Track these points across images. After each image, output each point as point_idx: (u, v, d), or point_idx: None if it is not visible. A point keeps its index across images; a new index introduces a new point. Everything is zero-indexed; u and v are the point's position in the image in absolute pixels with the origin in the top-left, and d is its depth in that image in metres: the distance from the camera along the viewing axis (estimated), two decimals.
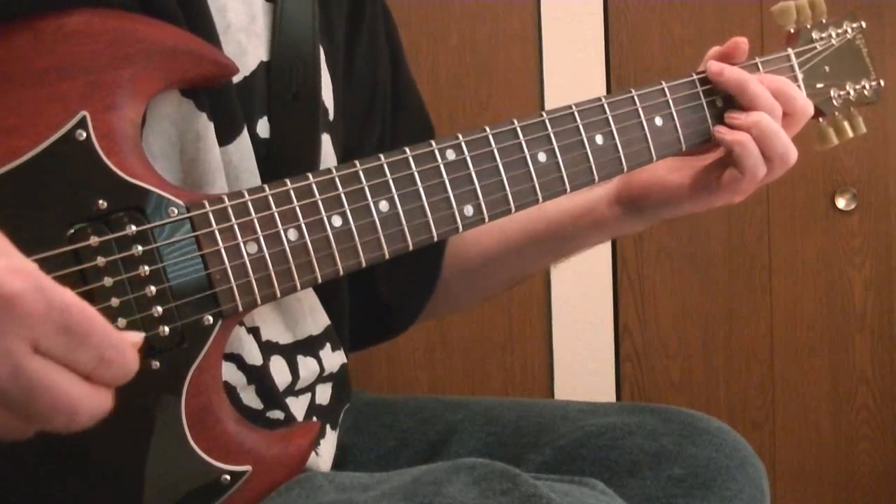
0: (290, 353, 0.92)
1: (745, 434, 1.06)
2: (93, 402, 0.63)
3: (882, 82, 1.14)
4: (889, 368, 2.23)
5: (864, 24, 1.14)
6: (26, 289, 0.59)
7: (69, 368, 0.62)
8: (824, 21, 1.11)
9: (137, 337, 0.67)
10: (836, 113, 1.12)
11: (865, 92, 1.13)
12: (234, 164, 0.86)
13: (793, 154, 1.01)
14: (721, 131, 1.01)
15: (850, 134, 1.12)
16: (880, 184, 2.19)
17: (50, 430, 0.63)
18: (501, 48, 2.14)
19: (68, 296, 0.61)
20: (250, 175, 0.87)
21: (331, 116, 0.98)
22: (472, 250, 1.14)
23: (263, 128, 0.90)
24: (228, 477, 0.80)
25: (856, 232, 2.20)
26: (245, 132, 0.87)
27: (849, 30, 1.12)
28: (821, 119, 1.11)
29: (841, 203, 2.19)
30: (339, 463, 1.00)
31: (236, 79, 0.87)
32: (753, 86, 1.01)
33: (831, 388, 2.23)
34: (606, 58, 2.16)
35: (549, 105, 2.12)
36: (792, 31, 1.10)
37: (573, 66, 2.13)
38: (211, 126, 0.84)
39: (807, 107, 1.04)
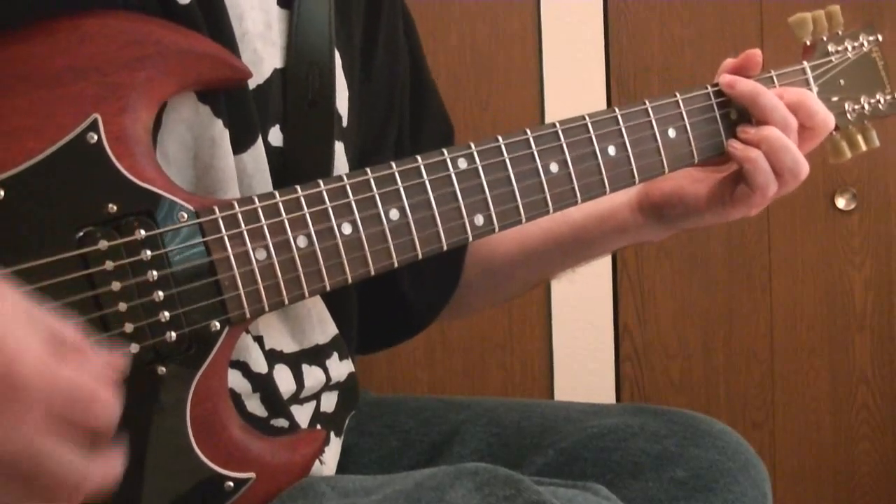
0: (295, 362, 0.92)
1: (745, 434, 1.06)
2: (96, 476, 0.63)
3: None
4: (889, 368, 2.23)
5: (880, 37, 1.13)
6: (32, 369, 0.59)
7: (75, 440, 0.62)
8: (840, 33, 1.11)
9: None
10: (850, 126, 1.11)
11: (880, 105, 1.12)
12: (247, 173, 0.86)
13: (804, 168, 1.00)
14: (734, 146, 1.01)
15: (864, 147, 1.12)
16: (880, 184, 2.19)
17: None
18: (501, 48, 2.14)
19: (69, 369, 0.61)
20: (263, 184, 0.87)
21: (344, 123, 0.97)
22: (495, 252, 1.13)
23: (276, 136, 0.90)
24: (232, 484, 0.80)
25: (856, 232, 2.20)
26: (260, 141, 0.87)
27: (865, 42, 1.12)
28: (834, 132, 1.10)
29: (841, 203, 2.19)
30: (341, 464, 1.00)
31: (252, 86, 0.87)
32: (765, 98, 1.00)
33: (831, 388, 2.23)
34: (606, 58, 2.15)
35: (549, 106, 2.12)
36: (808, 43, 1.10)
37: (573, 66, 2.13)
38: (226, 133, 0.84)
39: (828, 120, 1.03)
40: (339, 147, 0.95)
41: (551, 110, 2.12)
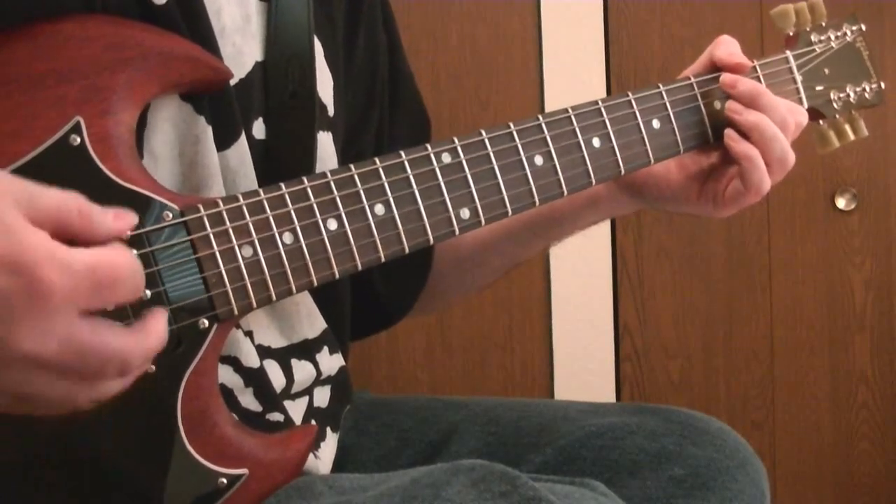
0: (284, 356, 0.92)
1: (745, 434, 1.06)
2: (140, 346, 0.66)
3: (883, 84, 1.14)
4: (889, 368, 2.23)
5: (863, 27, 1.13)
6: (52, 273, 0.61)
7: (114, 319, 0.65)
8: (824, 24, 1.11)
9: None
10: (837, 116, 1.12)
11: (866, 94, 1.13)
12: (231, 169, 0.86)
13: (792, 160, 1.01)
14: (732, 137, 1.01)
15: (851, 137, 1.12)
16: (880, 184, 2.19)
17: (105, 393, 0.66)
18: (501, 48, 2.14)
19: (84, 255, 0.63)
20: (248, 180, 0.87)
21: (331, 113, 0.98)
22: (465, 239, 1.13)
23: (259, 129, 0.90)
24: (225, 480, 0.80)
25: (856, 232, 2.20)
26: (243, 136, 0.87)
27: (848, 32, 1.12)
28: (821, 121, 1.11)
29: (841, 203, 2.18)
30: (340, 463, 1.00)
31: (233, 81, 0.87)
32: (766, 99, 1.01)
33: (831, 388, 2.23)
34: (606, 58, 2.15)
35: (548, 105, 2.12)
36: (791, 34, 1.10)
37: (573, 66, 2.13)
38: (209, 130, 0.84)
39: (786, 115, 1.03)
40: (326, 137, 0.96)
41: (551, 110, 2.11)
